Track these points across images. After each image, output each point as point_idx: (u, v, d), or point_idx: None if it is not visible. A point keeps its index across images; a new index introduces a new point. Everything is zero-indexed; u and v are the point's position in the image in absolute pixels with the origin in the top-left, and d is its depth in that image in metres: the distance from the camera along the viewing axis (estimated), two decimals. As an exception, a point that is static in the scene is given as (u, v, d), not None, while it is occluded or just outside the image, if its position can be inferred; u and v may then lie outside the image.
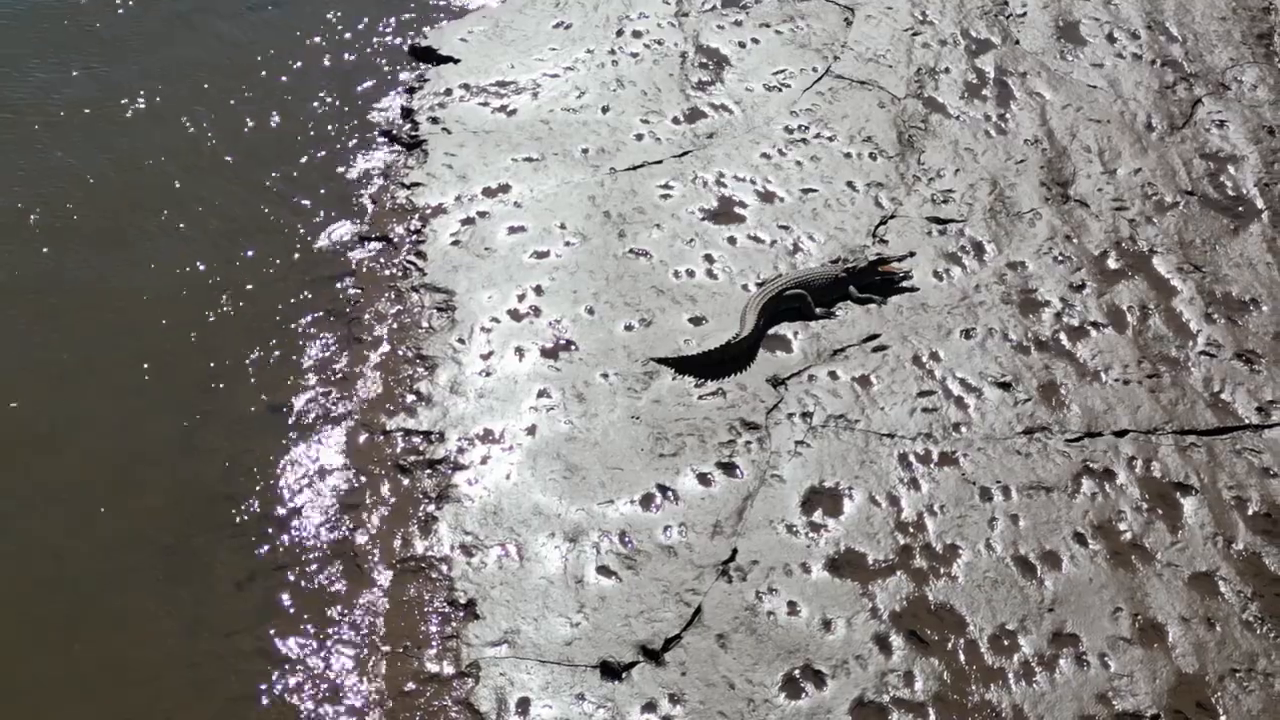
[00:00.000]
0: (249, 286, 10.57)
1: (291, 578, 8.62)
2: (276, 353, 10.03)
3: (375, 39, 13.17)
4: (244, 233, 11.02)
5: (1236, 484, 8.98)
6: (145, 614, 8.48)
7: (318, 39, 13.09)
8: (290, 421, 9.53)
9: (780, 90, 12.37)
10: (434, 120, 12.06)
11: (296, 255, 10.84)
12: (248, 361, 9.96)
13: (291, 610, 8.45)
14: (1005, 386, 9.61)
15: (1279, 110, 12.18)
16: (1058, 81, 12.47)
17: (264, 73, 12.69)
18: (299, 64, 12.84)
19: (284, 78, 12.64)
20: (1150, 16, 13.27)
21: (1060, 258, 10.62)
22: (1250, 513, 8.82)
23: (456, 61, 12.76)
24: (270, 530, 8.88)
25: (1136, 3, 13.41)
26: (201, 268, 10.68)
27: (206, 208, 11.27)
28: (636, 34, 13.02)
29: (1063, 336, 9.99)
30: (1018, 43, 12.97)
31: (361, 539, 8.79)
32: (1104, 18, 13.28)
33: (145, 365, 9.94)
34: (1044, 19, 13.28)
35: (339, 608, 8.44)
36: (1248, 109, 12.19)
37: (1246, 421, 9.41)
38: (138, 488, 9.15)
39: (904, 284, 10.42)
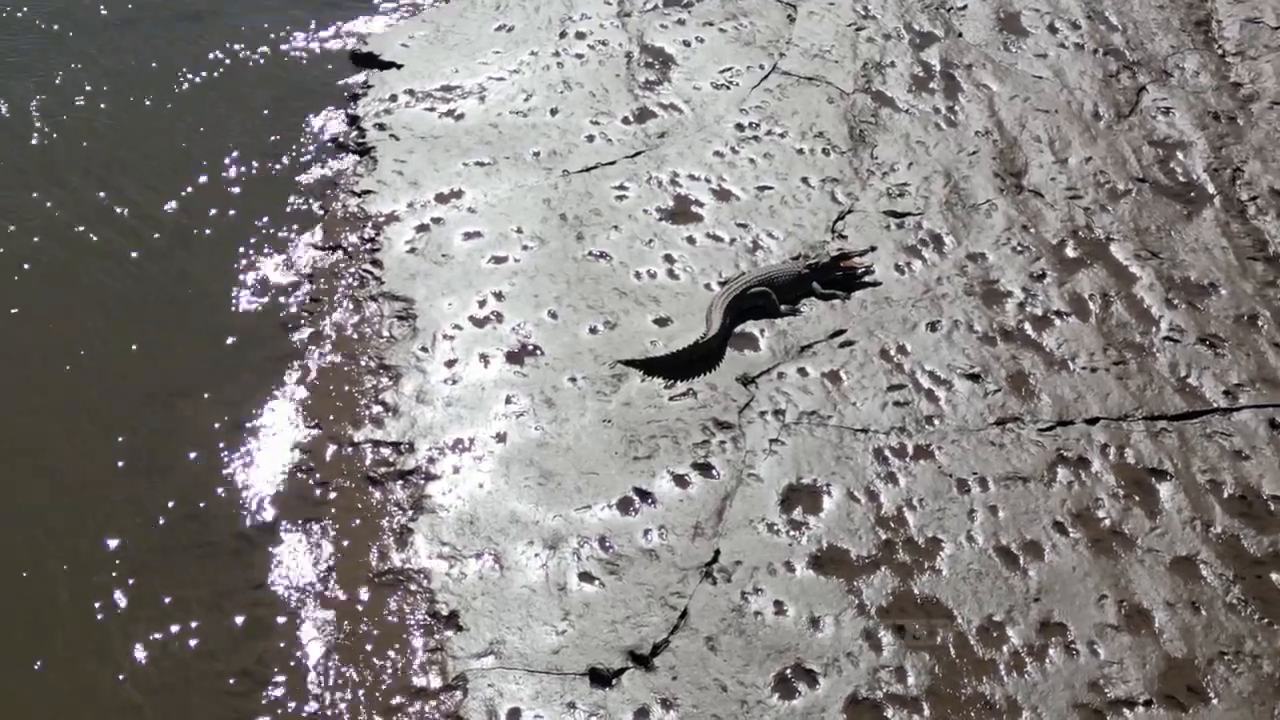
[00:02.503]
0: (201, 301, 10.36)
1: (266, 595, 8.43)
2: (235, 367, 9.83)
3: (315, 46, 13.00)
4: (194, 245, 10.80)
5: (1210, 467, 9.03)
6: (118, 638, 8.23)
7: (255, 48, 12.89)
8: (254, 437, 9.33)
9: (728, 88, 12.32)
10: (381, 127, 11.90)
11: (248, 267, 10.63)
12: (207, 377, 9.74)
13: (270, 628, 8.25)
14: (974, 378, 9.61)
15: (1222, 96, 12.29)
16: (1003, 73, 12.53)
17: (201, 82, 12.48)
18: (237, 72, 12.65)
19: (223, 87, 12.45)
20: (1089, 6, 13.38)
21: (1019, 248, 10.65)
22: (1225, 495, 8.86)
23: (399, 67, 12.61)
24: (241, 549, 8.67)
25: (1075, -7, 13.54)
26: (151, 282, 10.47)
27: (153, 221, 11.02)
28: (580, 35, 12.93)
29: (1028, 326, 10.01)
30: (960, 35, 13.02)
31: (336, 553, 8.60)
32: (1044, 8, 13.37)
33: (100, 383, 9.70)
34: (985, 11, 13.34)
35: (318, 624, 8.25)
36: (1191, 95, 12.30)
37: (1215, 405, 9.46)
38: (101, 509, 8.90)
39: (866, 279, 10.40)
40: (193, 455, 9.20)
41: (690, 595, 8.28)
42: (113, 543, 8.69)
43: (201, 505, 8.90)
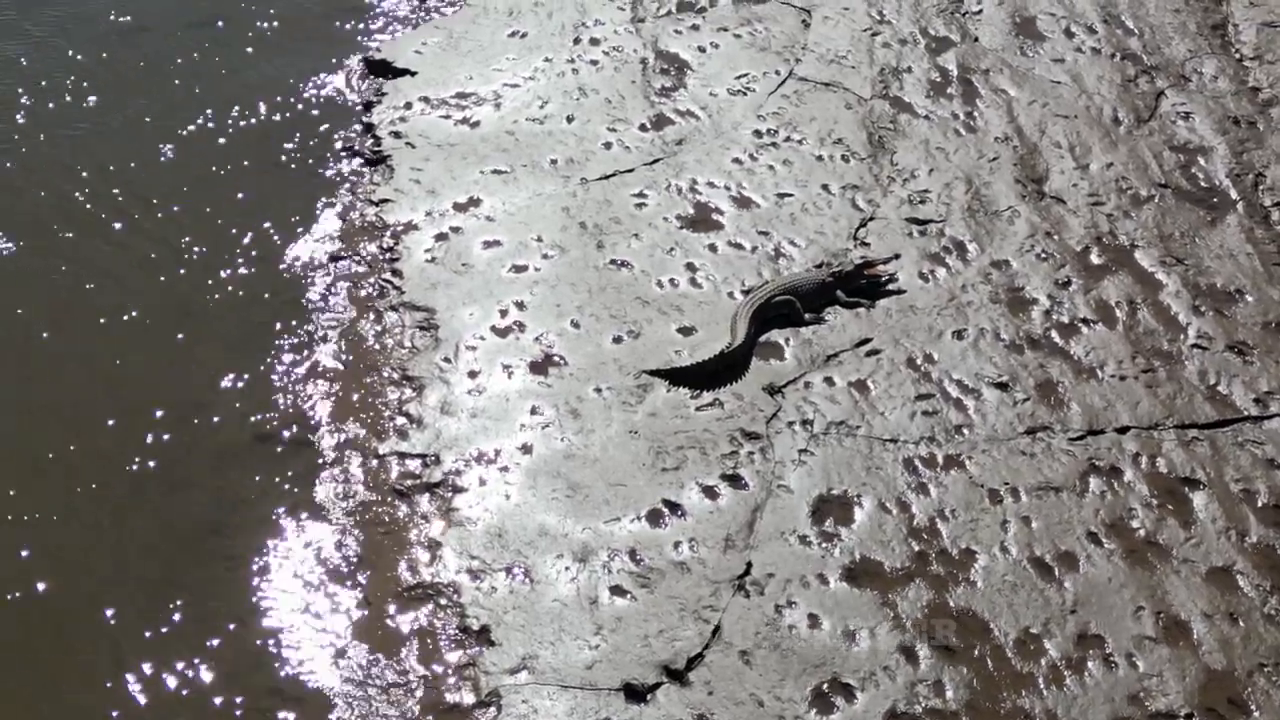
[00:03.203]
0: (221, 313, 10.27)
1: (294, 610, 8.34)
2: (256, 380, 9.73)
3: (326, 53, 12.86)
4: (211, 257, 10.68)
5: (1243, 476, 8.96)
6: (136, 657, 8.12)
7: (265, 55, 12.80)
8: (278, 449, 9.25)
9: (745, 94, 12.24)
10: (396, 135, 11.79)
11: (267, 277, 10.55)
12: (227, 391, 9.65)
13: (298, 645, 8.16)
14: (1003, 387, 9.54)
15: (1241, 100, 12.23)
16: (1021, 78, 12.45)
17: (211, 91, 12.36)
18: (247, 80, 12.52)
19: (232, 96, 12.29)
20: (1105, 10, 13.29)
21: (1043, 255, 10.58)
22: (1259, 505, 8.80)
23: (413, 74, 12.49)
24: (267, 562, 8.59)
25: (1090, -3, 13.47)
26: (170, 295, 10.37)
27: (169, 232, 10.92)
28: (594, 41, 12.84)
29: (1054, 334, 9.94)
30: (977, 40, 12.94)
31: (364, 568, 8.52)
32: (1059, 13, 13.28)
33: (118, 398, 9.60)
34: (1000, 15, 13.25)
35: (347, 639, 8.16)
36: (1211, 100, 12.23)
37: (1246, 413, 9.40)
38: (123, 523, 8.82)
39: (890, 286, 10.32)
40: (212, 469, 9.11)
41: (723, 608, 8.20)
42: (132, 558, 8.61)
43: (222, 520, 8.80)
